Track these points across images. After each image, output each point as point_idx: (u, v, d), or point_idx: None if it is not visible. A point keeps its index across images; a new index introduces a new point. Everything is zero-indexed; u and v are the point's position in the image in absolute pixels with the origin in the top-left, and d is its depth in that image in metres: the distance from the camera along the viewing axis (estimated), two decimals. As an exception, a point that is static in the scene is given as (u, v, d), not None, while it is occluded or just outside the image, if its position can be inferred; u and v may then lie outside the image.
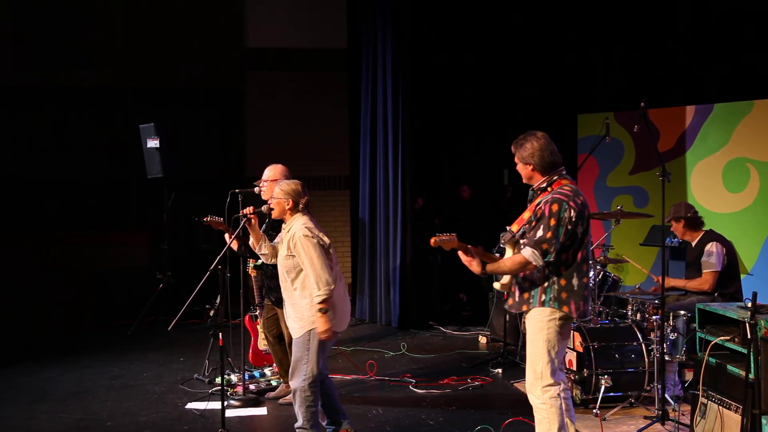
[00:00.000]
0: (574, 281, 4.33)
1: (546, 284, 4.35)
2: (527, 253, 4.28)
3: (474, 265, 4.37)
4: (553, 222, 4.24)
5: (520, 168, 4.50)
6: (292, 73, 10.65)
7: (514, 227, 4.51)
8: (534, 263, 4.28)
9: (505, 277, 4.54)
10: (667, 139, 8.70)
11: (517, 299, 4.50)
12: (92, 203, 11.90)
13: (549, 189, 4.42)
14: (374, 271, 9.68)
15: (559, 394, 4.36)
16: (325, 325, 4.84)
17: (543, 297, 4.35)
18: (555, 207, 4.27)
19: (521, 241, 4.42)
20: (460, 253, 4.40)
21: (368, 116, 9.76)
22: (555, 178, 4.43)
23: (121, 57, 11.88)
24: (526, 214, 4.46)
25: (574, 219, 4.27)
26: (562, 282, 4.33)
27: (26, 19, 11.77)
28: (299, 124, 10.62)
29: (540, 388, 4.36)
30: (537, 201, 4.41)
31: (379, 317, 9.58)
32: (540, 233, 4.26)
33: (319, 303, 4.81)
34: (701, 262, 6.48)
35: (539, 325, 4.37)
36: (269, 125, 10.61)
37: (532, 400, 4.43)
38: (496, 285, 4.67)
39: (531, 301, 4.40)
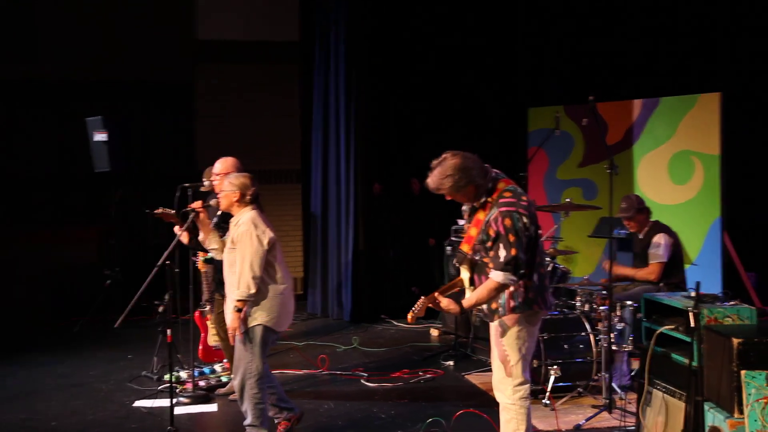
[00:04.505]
0: (535, 277, 4.27)
1: (512, 289, 4.24)
2: (499, 277, 4.14)
3: (452, 307, 4.26)
4: (512, 238, 4.10)
5: (460, 197, 4.32)
6: (244, 66, 10.56)
7: (464, 247, 4.37)
8: (511, 284, 4.17)
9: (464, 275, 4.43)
10: (616, 132, 8.79)
11: (486, 310, 4.37)
12: (39, 199, 11.62)
13: (490, 200, 4.25)
14: (326, 265, 9.64)
15: (528, 395, 4.32)
16: (234, 323, 4.82)
17: (512, 303, 4.25)
18: (508, 222, 4.12)
19: (488, 266, 4.23)
20: (436, 304, 4.29)
21: (320, 109, 9.71)
22: (490, 185, 4.26)
23: (68, 50, 11.61)
24: (473, 231, 4.30)
25: (528, 224, 4.16)
26: (528, 283, 4.25)
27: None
28: (251, 118, 10.53)
29: (511, 387, 4.30)
30: (484, 218, 4.23)
31: (331, 311, 9.56)
32: (503, 253, 4.11)
33: (237, 300, 4.79)
34: (648, 254, 6.60)
35: (513, 329, 4.28)
36: (220, 118, 10.50)
37: (500, 398, 4.37)
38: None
39: (500, 310, 4.29)
